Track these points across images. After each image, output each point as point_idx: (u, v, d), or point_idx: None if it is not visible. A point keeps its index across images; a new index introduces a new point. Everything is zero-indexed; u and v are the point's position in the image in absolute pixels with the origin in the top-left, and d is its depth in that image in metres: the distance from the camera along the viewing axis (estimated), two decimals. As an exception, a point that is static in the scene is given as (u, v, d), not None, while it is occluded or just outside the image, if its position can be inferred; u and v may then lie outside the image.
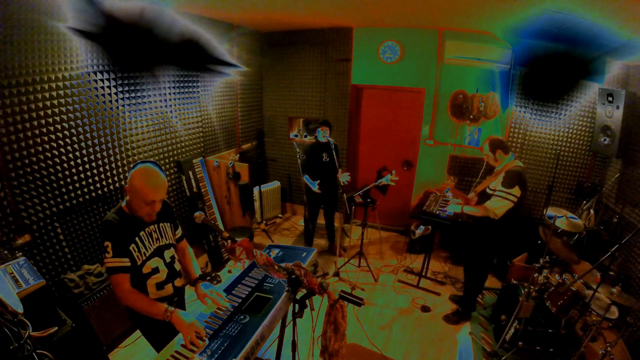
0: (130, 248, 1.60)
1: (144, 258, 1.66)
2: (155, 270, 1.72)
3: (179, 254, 1.95)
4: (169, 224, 1.84)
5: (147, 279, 1.69)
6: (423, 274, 3.79)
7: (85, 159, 2.76)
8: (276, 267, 1.66)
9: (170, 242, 1.84)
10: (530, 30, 3.32)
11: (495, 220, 2.73)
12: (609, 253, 2.10)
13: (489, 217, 2.76)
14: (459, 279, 3.83)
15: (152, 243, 1.71)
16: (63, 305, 2.24)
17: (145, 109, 3.30)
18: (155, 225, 1.75)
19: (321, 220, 4.31)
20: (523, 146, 4.12)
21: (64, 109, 2.54)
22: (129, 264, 1.59)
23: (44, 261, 2.53)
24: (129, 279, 1.60)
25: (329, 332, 1.73)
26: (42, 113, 2.40)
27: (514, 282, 2.90)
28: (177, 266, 1.88)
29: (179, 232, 1.96)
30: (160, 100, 3.46)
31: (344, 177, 3.79)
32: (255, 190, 4.86)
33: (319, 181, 3.79)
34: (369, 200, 3.85)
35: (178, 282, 1.87)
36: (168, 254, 1.80)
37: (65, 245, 2.66)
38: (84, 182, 2.77)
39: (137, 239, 1.63)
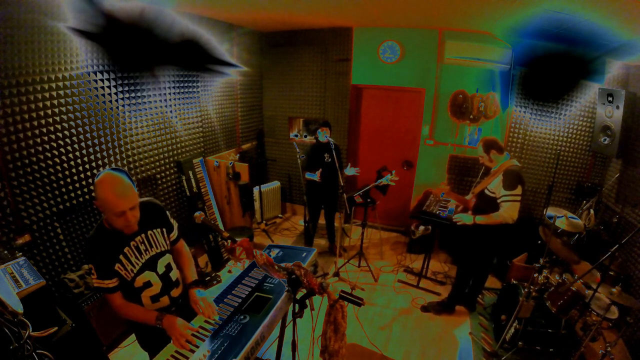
0: (116, 268, 1.54)
1: (133, 275, 1.60)
2: (148, 284, 1.66)
3: (175, 256, 1.87)
4: (159, 229, 1.73)
5: (140, 292, 1.66)
6: (423, 274, 3.79)
7: (85, 159, 2.76)
8: (276, 267, 1.66)
9: (164, 249, 1.75)
10: (530, 30, 3.32)
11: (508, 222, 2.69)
12: (609, 253, 2.10)
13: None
14: (459, 279, 3.83)
15: (139, 257, 1.62)
16: (63, 305, 2.24)
17: (145, 109, 3.29)
18: (142, 236, 1.64)
19: (321, 220, 4.31)
20: (523, 146, 4.12)
21: (64, 109, 2.54)
22: (114, 284, 1.55)
23: (44, 261, 2.52)
24: (120, 295, 1.59)
25: (329, 332, 1.73)
26: (42, 113, 2.40)
27: (514, 282, 2.90)
28: (174, 275, 1.81)
29: (174, 234, 1.84)
30: (160, 100, 3.46)
31: (350, 171, 3.86)
32: (255, 190, 4.86)
33: (320, 170, 3.82)
34: (369, 200, 3.85)
35: (175, 292, 1.80)
36: (162, 263, 1.73)
37: (65, 245, 2.66)
38: (84, 182, 2.76)
39: (121, 256, 1.55)
